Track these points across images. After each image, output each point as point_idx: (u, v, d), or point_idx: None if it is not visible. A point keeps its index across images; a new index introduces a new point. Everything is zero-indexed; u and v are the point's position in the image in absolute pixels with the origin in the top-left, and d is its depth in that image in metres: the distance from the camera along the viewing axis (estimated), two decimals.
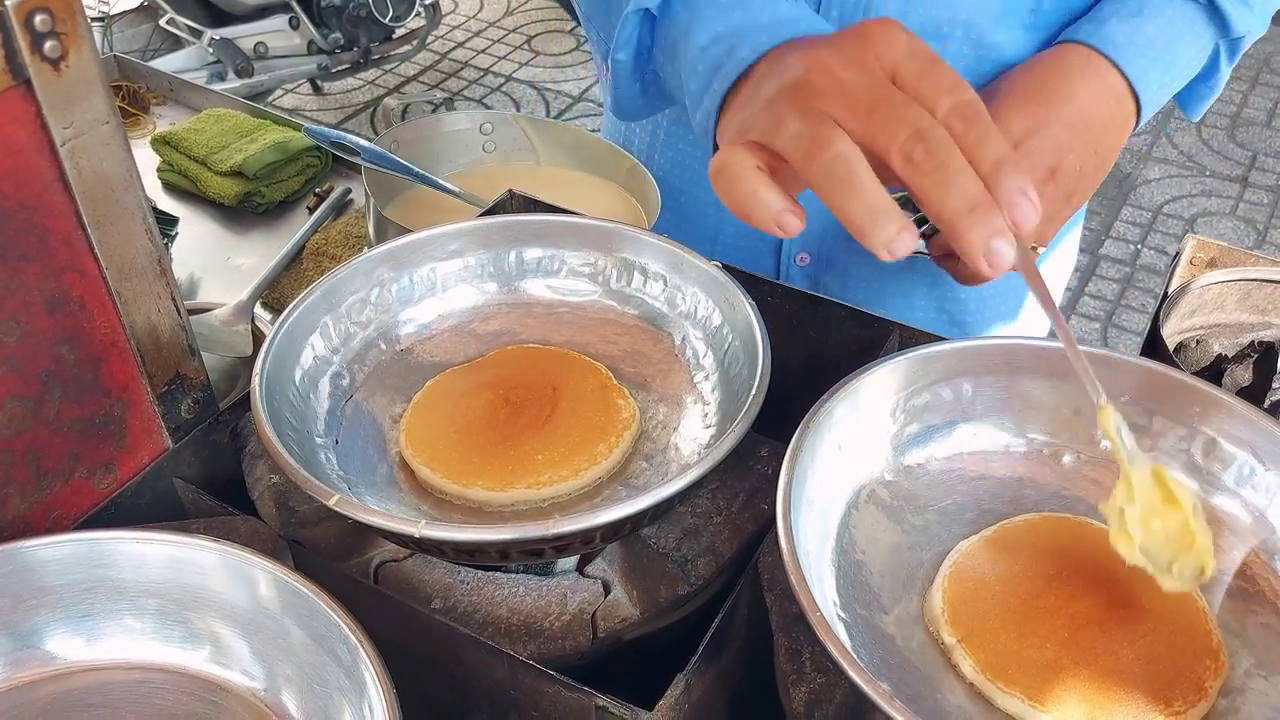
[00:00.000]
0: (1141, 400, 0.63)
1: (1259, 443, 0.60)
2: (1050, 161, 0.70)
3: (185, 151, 1.20)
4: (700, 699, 0.58)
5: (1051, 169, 0.70)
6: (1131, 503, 0.52)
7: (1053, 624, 0.55)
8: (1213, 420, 0.62)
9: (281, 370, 0.65)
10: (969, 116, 0.47)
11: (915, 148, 0.46)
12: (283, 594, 0.52)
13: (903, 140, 0.46)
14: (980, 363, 0.65)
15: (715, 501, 0.66)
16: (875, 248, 0.47)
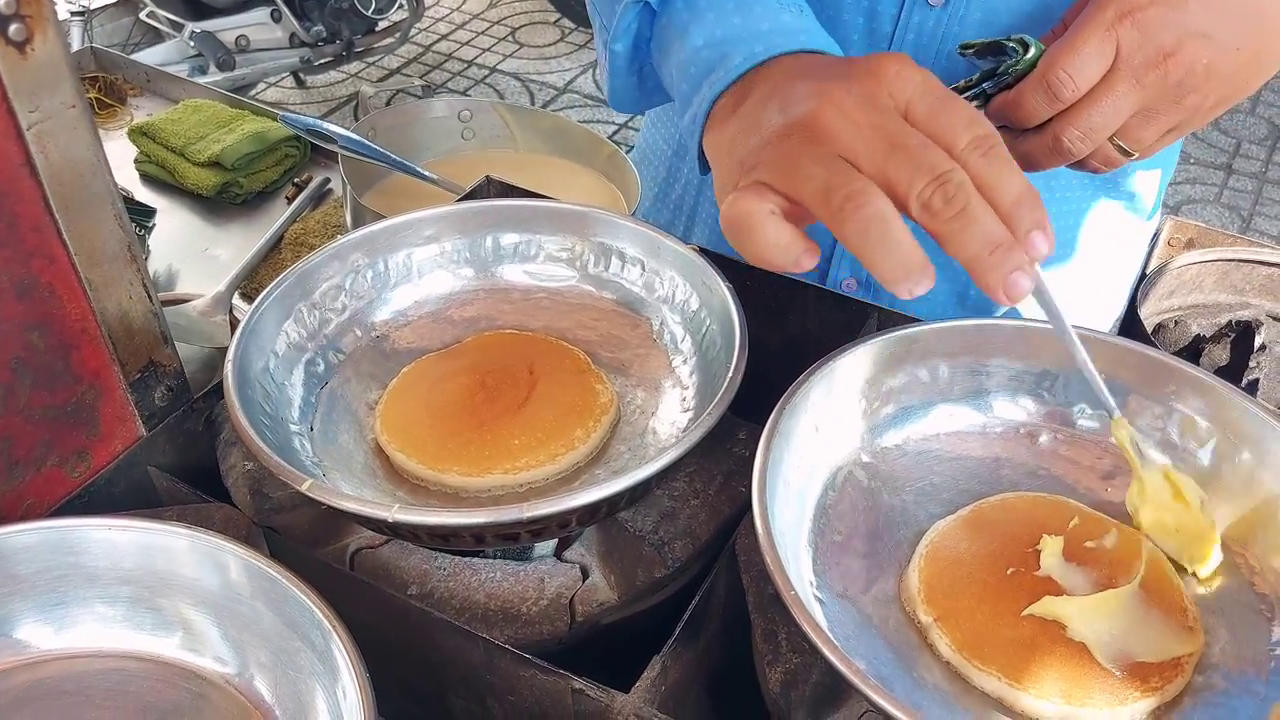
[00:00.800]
0: (1119, 379, 0.63)
1: (1234, 421, 0.60)
2: (1165, 43, 0.59)
3: (163, 142, 1.20)
4: (678, 681, 0.58)
5: (1165, 53, 0.59)
6: (1145, 503, 0.56)
7: (1029, 603, 0.55)
8: (1189, 399, 0.62)
9: (255, 357, 0.65)
10: (986, 152, 0.47)
11: (933, 196, 0.46)
12: (255, 579, 0.51)
13: (920, 188, 0.46)
14: (956, 344, 0.65)
15: (693, 484, 0.66)
16: (899, 294, 0.48)
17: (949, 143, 0.48)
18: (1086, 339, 0.63)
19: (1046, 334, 0.64)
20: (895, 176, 0.47)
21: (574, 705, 0.56)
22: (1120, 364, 0.63)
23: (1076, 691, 0.52)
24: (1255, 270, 0.82)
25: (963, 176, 0.46)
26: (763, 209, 0.50)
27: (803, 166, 0.49)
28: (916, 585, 0.56)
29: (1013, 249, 0.46)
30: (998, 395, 0.65)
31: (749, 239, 0.51)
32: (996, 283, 0.46)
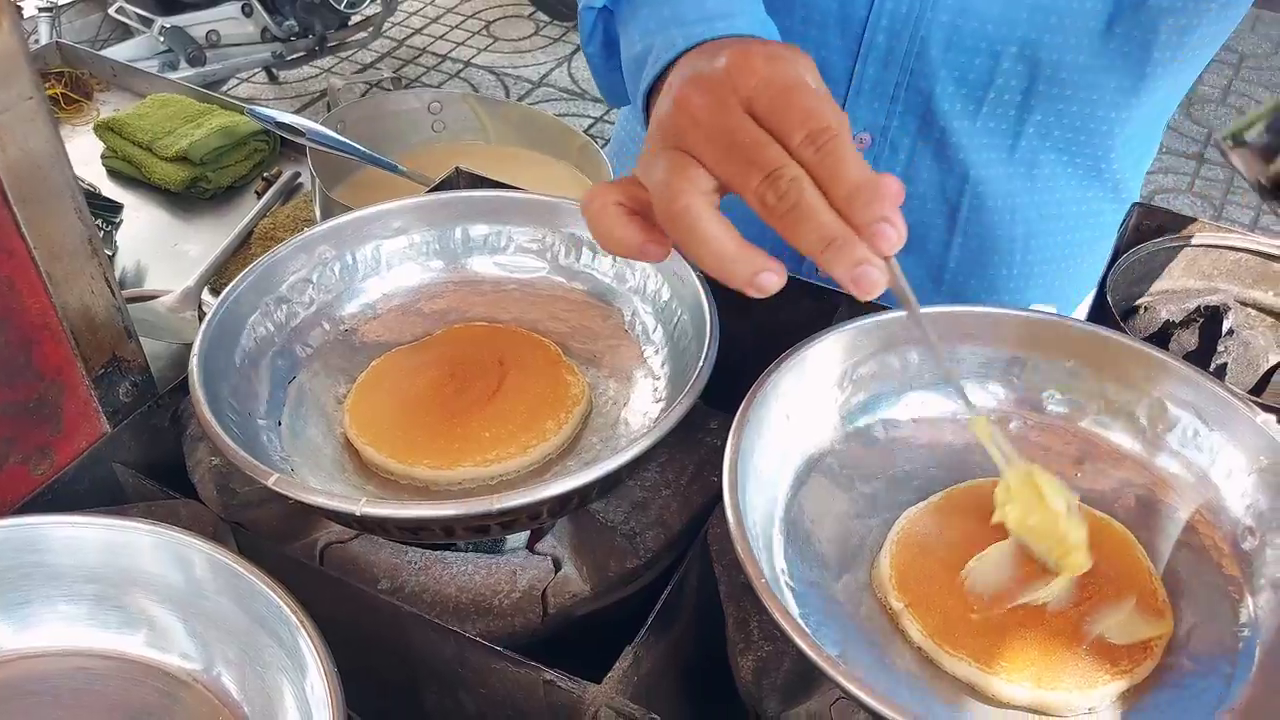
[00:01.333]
0: (1088, 364, 0.64)
1: (1202, 404, 0.60)
2: None
3: (129, 137, 1.18)
4: (651, 670, 0.57)
5: None
6: (1009, 502, 0.54)
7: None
8: (1158, 383, 0.62)
9: (221, 351, 0.64)
10: (821, 146, 0.46)
11: (767, 192, 0.46)
12: (221, 575, 0.51)
13: (755, 185, 0.46)
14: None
15: (664, 474, 0.66)
16: (741, 289, 0.48)
17: (784, 136, 0.47)
18: (1059, 327, 0.64)
19: (1015, 320, 0.64)
20: (732, 174, 0.47)
21: (546, 697, 0.55)
22: (1091, 350, 0.63)
23: (1046, 675, 0.52)
24: (1223, 255, 0.82)
25: (796, 172, 0.46)
26: (607, 199, 0.51)
27: (653, 164, 0.50)
28: (888, 572, 0.56)
29: (848, 243, 0.45)
30: (967, 381, 0.65)
31: (592, 225, 0.52)
32: (843, 277, 0.45)
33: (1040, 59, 0.77)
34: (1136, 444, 0.63)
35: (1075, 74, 0.77)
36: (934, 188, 0.84)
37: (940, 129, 0.81)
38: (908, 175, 0.84)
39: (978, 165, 0.82)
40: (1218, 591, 0.57)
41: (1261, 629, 0.54)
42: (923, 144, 0.82)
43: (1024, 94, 0.78)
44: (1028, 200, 0.85)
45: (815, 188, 0.46)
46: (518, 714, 0.58)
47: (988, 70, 0.77)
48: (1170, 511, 0.60)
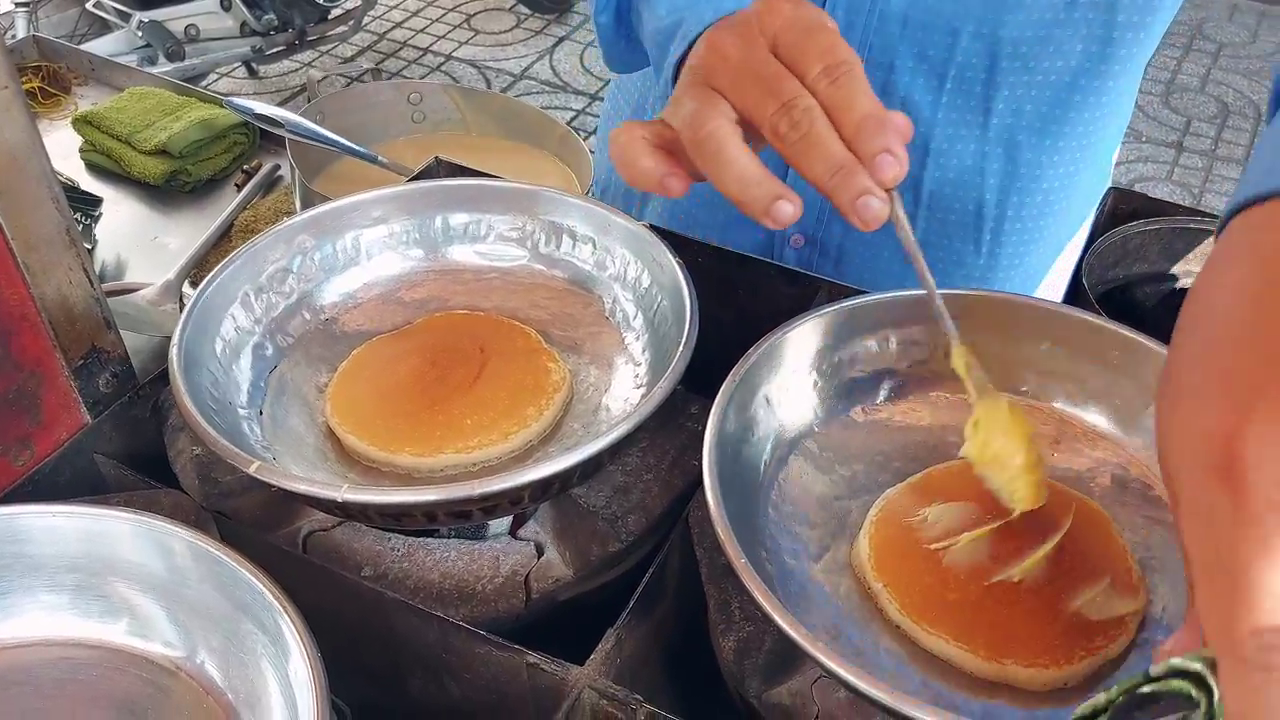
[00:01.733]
0: (1064, 346, 0.64)
1: None
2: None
3: (108, 131, 1.17)
4: (633, 653, 0.58)
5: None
6: (976, 432, 0.55)
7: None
8: (1132, 364, 0.63)
9: (202, 341, 0.64)
10: (835, 78, 0.49)
11: (780, 121, 0.48)
12: (202, 562, 0.51)
13: (771, 114, 0.49)
14: (902, 314, 0.65)
15: (645, 459, 0.66)
16: (755, 215, 0.50)
17: (802, 71, 0.49)
18: (1034, 308, 0.65)
19: (989, 301, 0.65)
20: (750, 105, 0.50)
21: (530, 680, 0.56)
22: (1064, 331, 0.64)
23: (1023, 652, 0.52)
24: (1198, 239, 0.83)
25: (810, 102, 0.48)
26: (634, 132, 0.53)
27: (681, 102, 0.52)
28: (866, 551, 0.57)
29: (855, 171, 0.47)
30: (945, 364, 0.66)
31: (618, 159, 0.54)
32: (846, 205, 0.47)
33: (1000, 35, 0.77)
34: (1111, 424, 0.64)
35: (1038, 47, 0.78)
36: None
37: (900, 101, 0.81)
38: None
39: (940, 139, 0.83)
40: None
41: None
42: None
43: (988, 71, 0.79)
44: (1003, 180, 0.85)
45: (827, 120, 0.48)
46: (501, 698, 0.58)
47: (946, 47, 0.78)
48: (1145, 490, 0.61)
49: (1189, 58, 3.77)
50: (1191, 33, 3.88)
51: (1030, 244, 0.88)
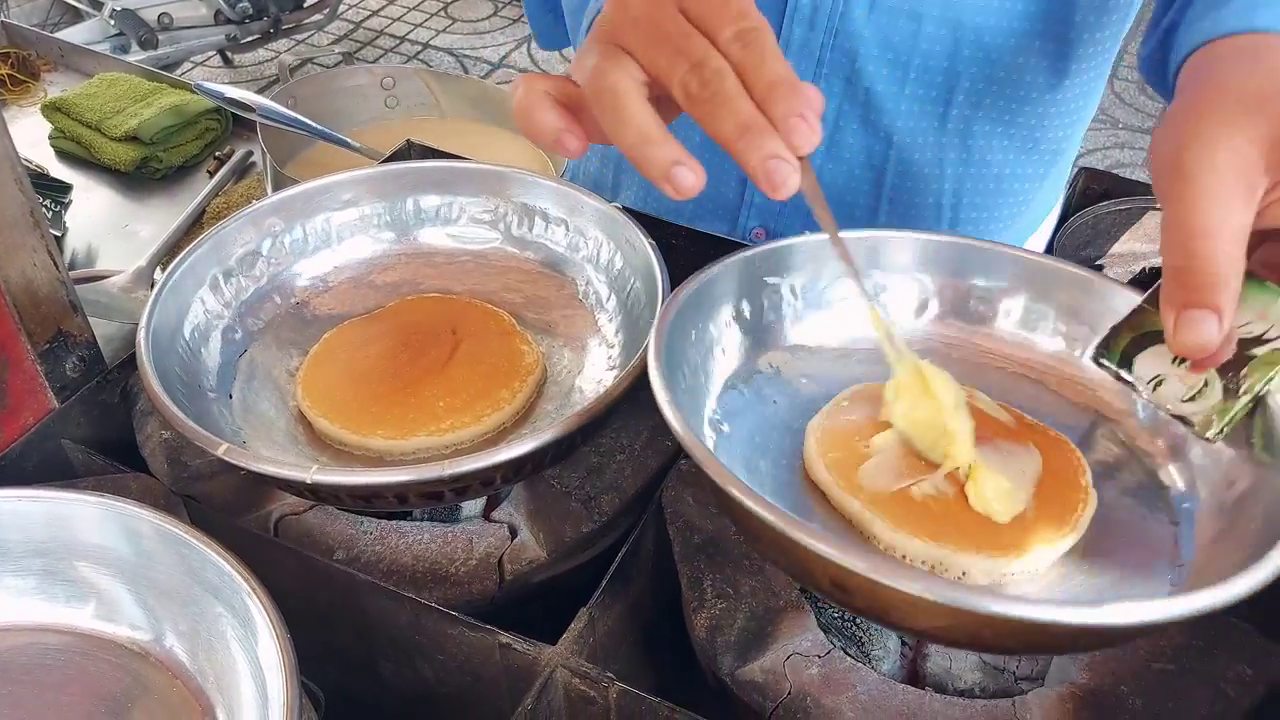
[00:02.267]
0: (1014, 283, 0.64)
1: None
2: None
3: (77, 117, 1.16)
4: (608, 632, 0.58)
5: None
6: (896, 397, 0.55)
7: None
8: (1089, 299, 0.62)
9: (171, 325, 0.63)
10: (748, 42, 0.48)
11: (691, 80, 0.47)
12: (169, 545, 0.51)
13: (681, 74, 0.48)
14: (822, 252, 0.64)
15: (618, 439, 0.66)
16: (654, 179, 0.48)
17: (714, 33, 0.49)
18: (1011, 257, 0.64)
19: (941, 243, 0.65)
20: (659, 65, 0.49)
21: (503, 660, 0.56)
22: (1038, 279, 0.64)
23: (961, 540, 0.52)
24: None
25: (720, 64, 0.47)
26: (535, 87, 0.52)
27: (585, 58, 0.51)
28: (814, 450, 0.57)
29: (764, 132, 0.46)
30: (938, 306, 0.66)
31: (518, 114, 0.53)
32: (756, 168, 0.46)
33: (962, 22, 0.77)
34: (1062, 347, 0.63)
35: (1000, 38, 0.78)
36: (860, 152, 0.85)
37: (865, 91, 0.81)
38: (834, 139, 0.84)
39: (903, 131, 0.83)
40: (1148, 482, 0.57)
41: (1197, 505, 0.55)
42: (848, 106, 0.82)
43: (949, 59, 0.79)
44: (960, 170, 0.86)
45: (738, 82, 0.47)
46: (475, 679, 0.58)
47: (910, 34, 0.78)
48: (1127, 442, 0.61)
49: None
50: None
51: (985, 229, 0.89)
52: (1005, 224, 0.90)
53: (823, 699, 0.54)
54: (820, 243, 0.63)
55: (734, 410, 0.59)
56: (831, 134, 0.84)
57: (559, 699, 0.55)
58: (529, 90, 0.52)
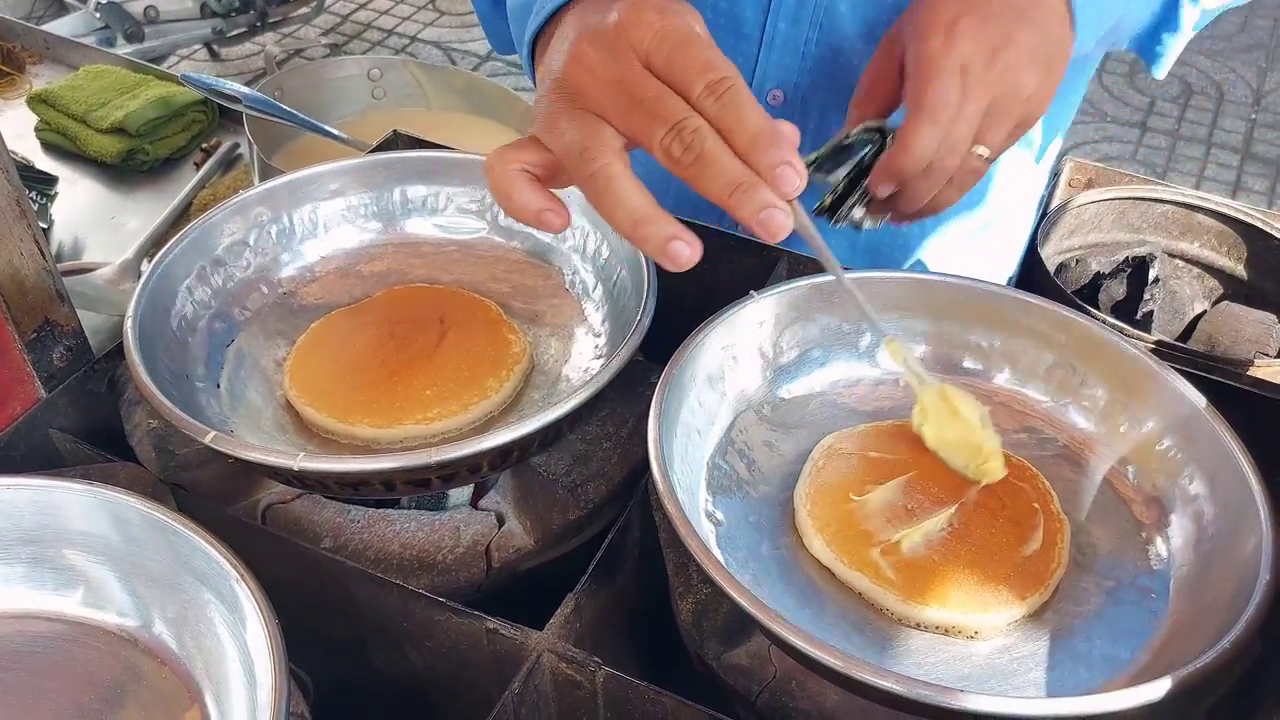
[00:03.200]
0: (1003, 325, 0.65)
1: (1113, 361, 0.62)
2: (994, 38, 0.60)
3: (63, 110, 1.16)
4: (594, 619, 0.58)
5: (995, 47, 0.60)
6: (925, 421, 0.58)
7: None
8: (1070, 342, 0.63)
9: (157, 315, 0.64)
10: (721, 96, 0.47)
11: (673, 144, 0.47)
12: (157, 532, 0.51)
13: (660, 137, 0.47)
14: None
15: (605, 428, 0.66)
16: (652, 254, 0.49)
17: (686, 90, 0.48)
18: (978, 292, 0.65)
19: (936, 284, 0.65)
20: (637, 129, 0.48)
21: (490, 646, 0.56)
22: (1000, 314, 0.65)
23: (945, 589, 0.54)
24: (1151, 208, 0.84)
25: (698, 123, 0.47)
26: (509, 163, 0.52)
27: (557, 125, 0.50)
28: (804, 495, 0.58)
29: (755, 187, 0.47)
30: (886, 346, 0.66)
31: (495, 189, 0.53)
32: (749, 220, 0.47)
33: None
34: (1048, 399, 0.64)
35: None
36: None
37: (850, 86, 0.81)
38: (820, 133, 0.84)
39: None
40: (1130, 536, 0.59)
41: (1173, 564, 0.56)
42: (834, 100, 0.82)
43: None
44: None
45: (718, 137, 0.47)
46: (463, 665, 0.58)
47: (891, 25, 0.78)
48: (1087, 468, 0.62)
49: None
50: None
51: (978, 228, 0.89)
52: (992, 223, 0.91)
53: (807, 682, 0.54)
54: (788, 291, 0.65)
55: (722, 489, 0.60)
56: (817, 128, 0.85)
57: (546, 683, 0.55)
58: (503, 170, 0.52)
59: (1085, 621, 0.55)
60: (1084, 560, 0.57)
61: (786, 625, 0.47)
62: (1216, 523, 0.56)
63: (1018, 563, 0.55)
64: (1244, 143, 3.32)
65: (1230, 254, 0.83)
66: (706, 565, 0.49)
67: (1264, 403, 0.63)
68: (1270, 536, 0.52)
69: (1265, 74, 3.62)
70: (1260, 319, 0.76)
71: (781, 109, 0.82)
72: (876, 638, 0.54)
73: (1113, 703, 0.46)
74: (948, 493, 0.58)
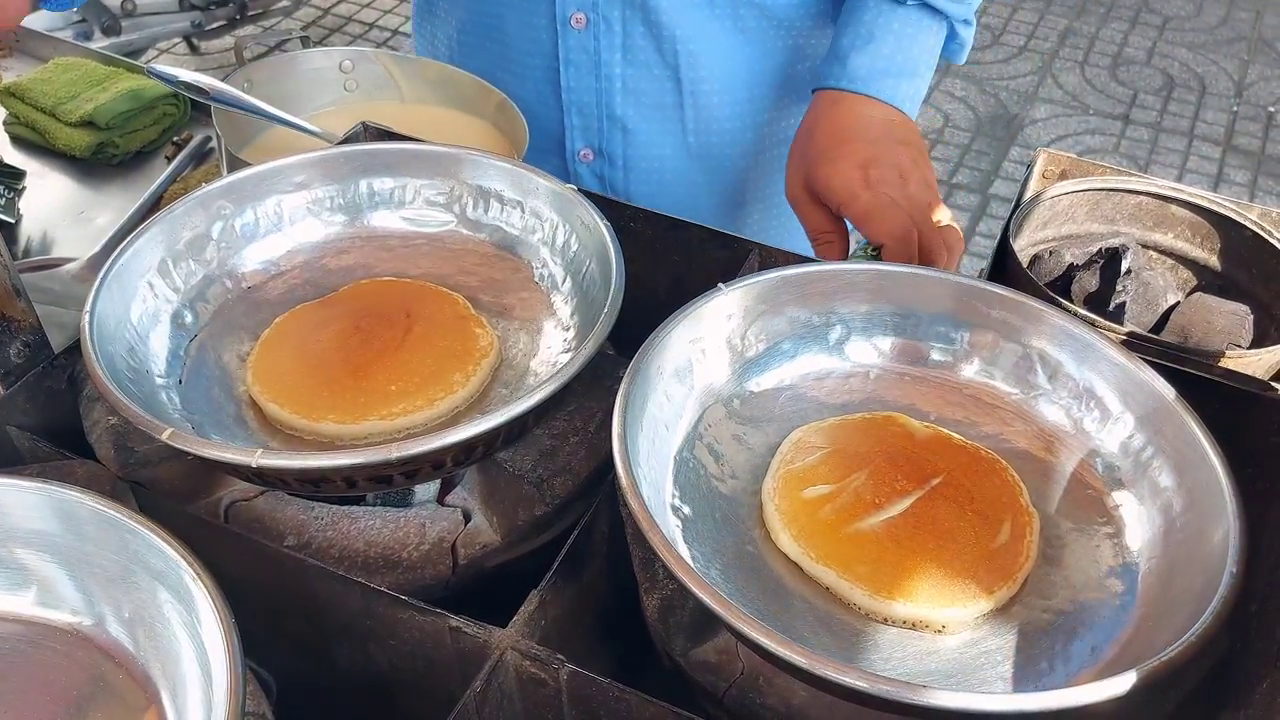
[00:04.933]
0: (970, 316, 0.64)
1: (1078, 351, 0.62)
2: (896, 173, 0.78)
3: (32, 103, 1.14)
4: (560, 616, 0.57)
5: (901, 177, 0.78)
6: None
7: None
8: (1037, 332, 0.63)
9: (117, 309, 0.63)
10: None
11: None
12: (110, 530, 0.50)
13: None
14: (822, 288, 0.65)
15: (572, 422, 0.66)
16: None
17: None
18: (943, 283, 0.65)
19: (904, 277, 0.65)
20: None
21: (454, 644, 0.55)
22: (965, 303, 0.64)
23: (911, 580, 0.53)
24: (1125, 199, 0.84)
25: None
26: None
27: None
28: (771, 487, 0.58)
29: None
30: (857, 337, 0.66)
31: None
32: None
33: None
34: (1017, 391, 0.64)
35: None
36: (653, 54, 0.95)
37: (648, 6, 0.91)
38: (627, 49, 0.94)
39: (684, 25, 0.92)
40: (1099, 529, 0.58)
41: (1142, 557, 0.56)
42: (630, 14, 0.92)
43: None
44: (740, 54, 0.95)
45: None
46: (428, 663, 0.58)
47: None
48: (1054, 456, 0.62)
49: (1135, 31, 3.81)
50: (1138, 6, 3.92)
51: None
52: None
53: (775, 678, 0.54)
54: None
55: (689, 484, 0.59)
56: (623, 45, 0.94)
57: (510, 682, 0.54)
58: None
59: (1053, 615, 0.54)
60: (1053, 553, 0.57)
61: (750, 622, 0.46)
62: (1185, 515, 0.55)
63: (986, 556, 0.55)
64: (1226, 135, 3.33)
65: (1204, 245, 0.83)
66: (669, 561, 0.49)
67: (1234, 394, 0.63)
68: (1237, 529, 0.51)
69: (1247, 66, 3.63)
70: (1233, 310, 0.76)
71: (586, 33, 0.93)
72: (844, 632, 0.53)
73: (1078, 697, 0.45)
74: (915, 485, 0.57)
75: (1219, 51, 3.73)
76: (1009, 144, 3.31)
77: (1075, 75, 3.59)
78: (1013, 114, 3.42)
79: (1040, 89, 3.54)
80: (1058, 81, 3.57)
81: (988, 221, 3.05)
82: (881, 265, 0.65)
